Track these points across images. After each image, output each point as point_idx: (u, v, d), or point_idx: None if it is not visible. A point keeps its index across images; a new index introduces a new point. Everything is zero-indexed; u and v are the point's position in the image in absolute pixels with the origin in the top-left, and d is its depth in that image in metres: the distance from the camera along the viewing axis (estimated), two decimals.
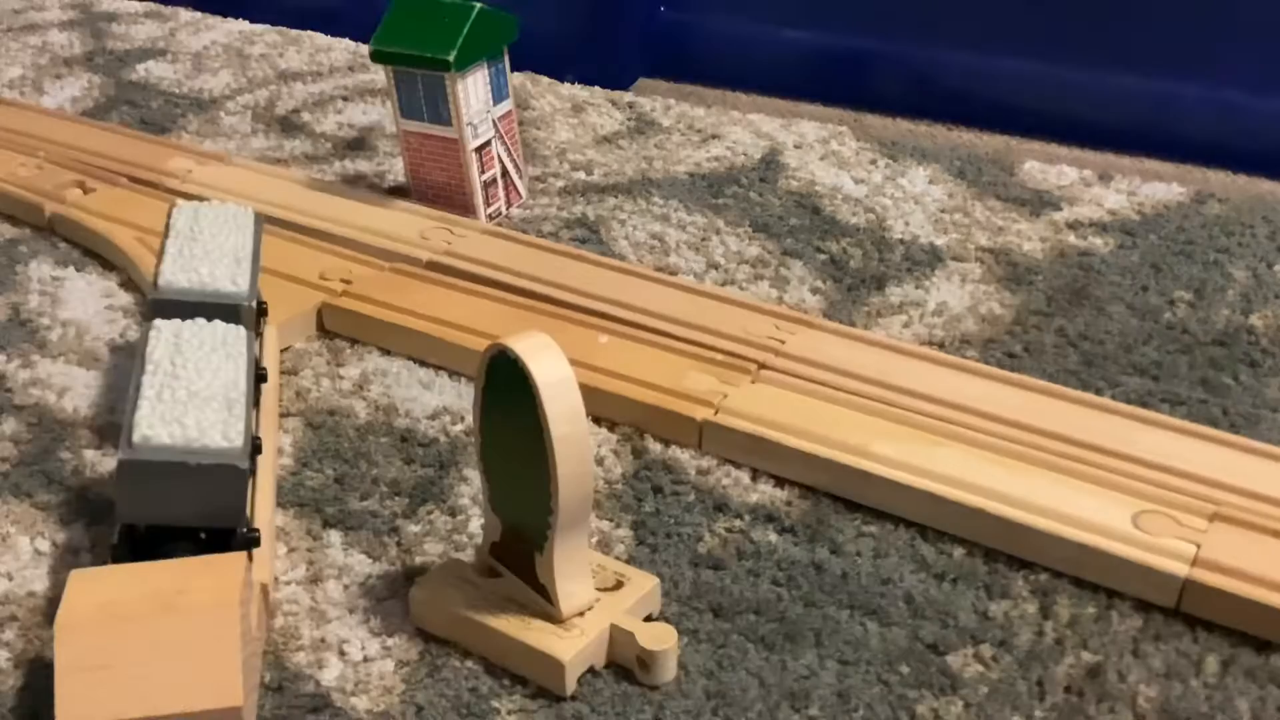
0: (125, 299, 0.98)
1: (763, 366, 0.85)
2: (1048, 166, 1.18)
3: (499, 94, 1.08)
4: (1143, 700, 0.62)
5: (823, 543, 0.72)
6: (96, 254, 1.05)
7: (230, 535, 0.64)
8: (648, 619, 0.66)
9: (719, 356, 0.86)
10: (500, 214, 1.10)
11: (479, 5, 1.03)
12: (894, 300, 0.96)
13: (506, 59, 1.08)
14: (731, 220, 1.07)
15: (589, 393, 0.63)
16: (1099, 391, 0.84)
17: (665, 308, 0.91)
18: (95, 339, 0.93)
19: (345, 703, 0.63)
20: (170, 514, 0.63)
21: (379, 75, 1.38)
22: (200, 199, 0.91)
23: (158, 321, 0.73)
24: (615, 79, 1.42)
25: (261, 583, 0.66)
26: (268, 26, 1.58)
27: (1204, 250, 1.02)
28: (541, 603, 0.64)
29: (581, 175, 1.16)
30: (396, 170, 1.18)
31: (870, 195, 1.12)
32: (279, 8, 1.61)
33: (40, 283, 1.01)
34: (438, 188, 1.09)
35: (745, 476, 0.78)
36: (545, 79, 1.39)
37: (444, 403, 0.85)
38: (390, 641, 0.66)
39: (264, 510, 0.71)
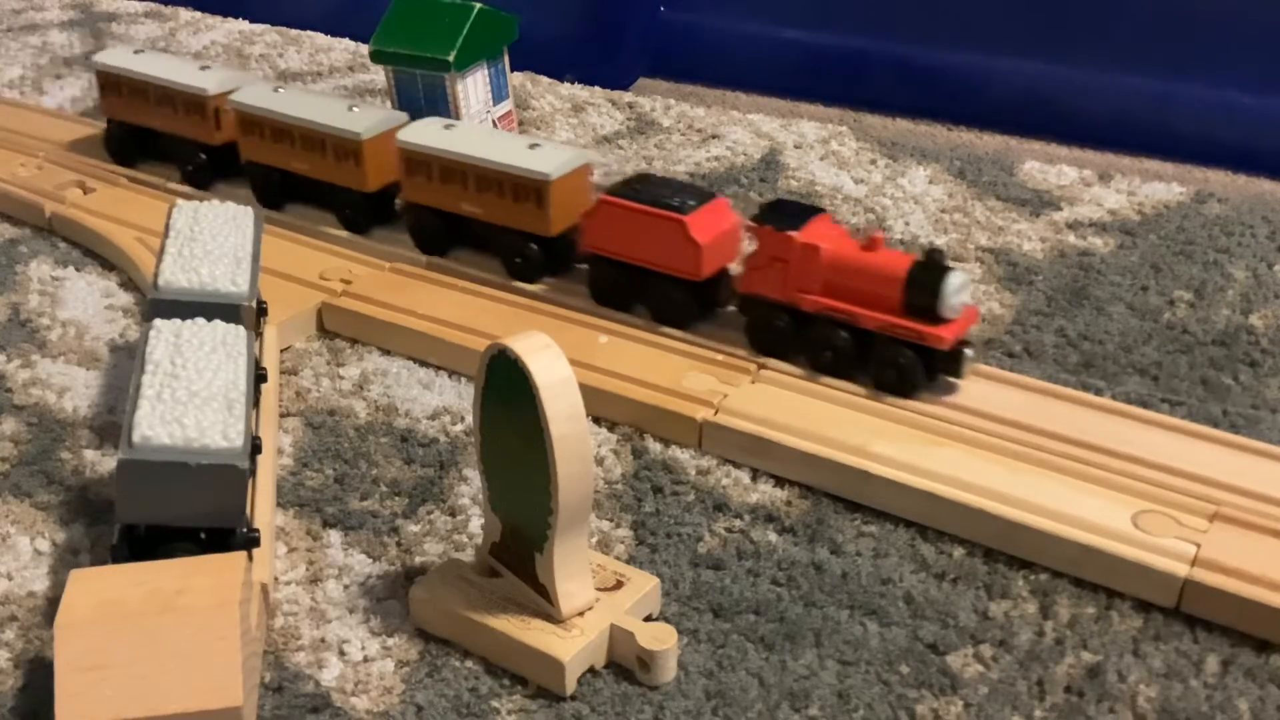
0: (125, 299, 0.98)
1: (763, 366, 0.85)
2: (1048, 166, 1.18)
3: (499, 94, 1.08)
4: (1143, 700, 0.62)
5: (823, 543, 0.72)
6: (96, 254, 1.05)
7: (230, 535, 0.64)
8: (648, 619, 0.66)
9: (719, 356, 0.85)
10: None
11: (479, 5, 1.03)
12: None
13: (506, 59, 1.08)
14: None
15: (589, 393, 0.63)
16: (1099, 391, 0.84)
17: None
18: (95, 339, 0.93)
19: (345, 703, 0.63)
20: (170, 514, 0.63)
21: (379, 75, 1.38)
22: (200, 199, 0.91)
23: (158, 321, 0.73)
24: (615, 79, 1.42)
25: (261, 583, 0.66)
26: (267, 26, 1.58)
27: (1204, 250, 1.02)
28: (541, 603, 0.64)
29: None
30: None
31: (870, 195, 1.12)
32: (279, 8, 1.61)
33: (40, 283, 1.01)
34: None
35: (745, 476, 0.78)
36: (545, 79, 1.39)
37: (444, 403, 0.85)
38: (390, 641, 0.66)
39: (264, 510, 0.71)
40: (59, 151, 1.18)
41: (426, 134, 0.96)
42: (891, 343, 0.80)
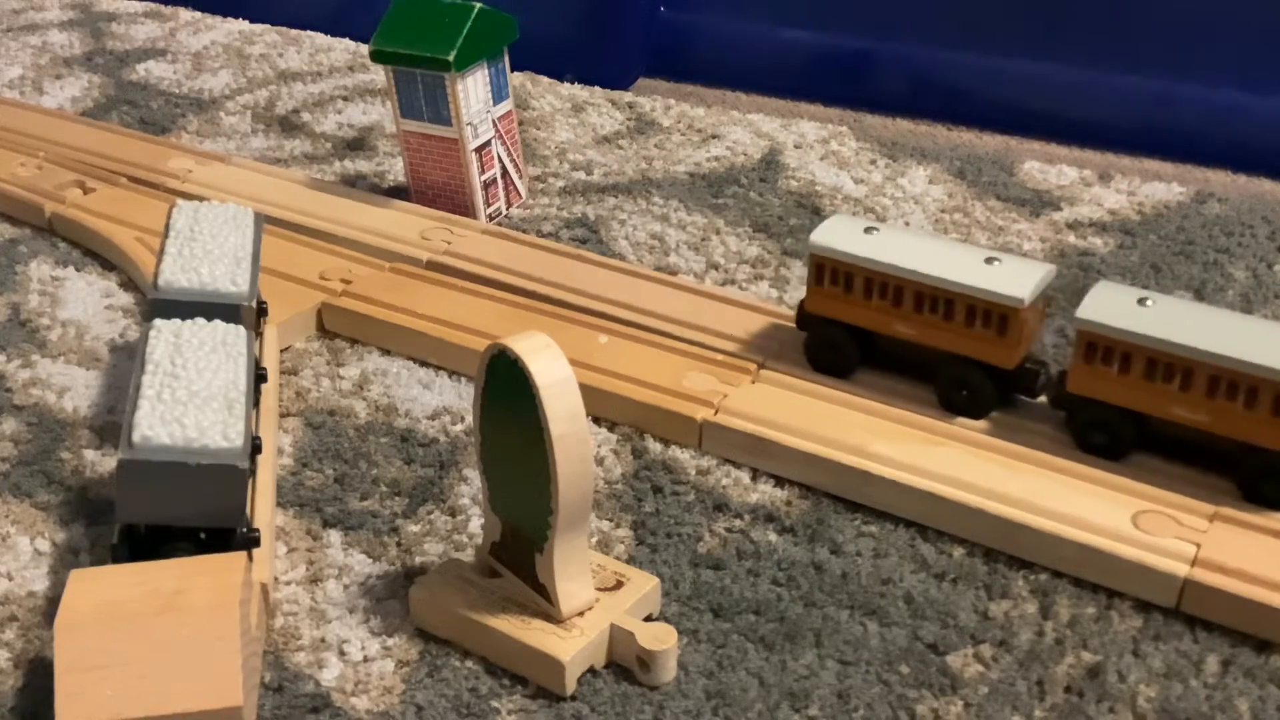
0: (125, 299, 0.98)
1: (762, 366, 0.85)
2: (1048, 166, 1.18)
3: (499, 94, 1.08)
4: (1143, 700, 0.62)
5: (823, 543, 0.72)
6: (96, 254, 1.05)
7: (230, 535, 0.64)
8: (648, 619, 0.66)
9: (719, 356, 0.85)
10: (500, 214, 1.10)
11: (479, 5, 1.03)
12: None
13: (506, 59, 1.08)
14: (731, 220, 1.07)
15: (589, 393, 0.63)
16: None
17: (665, 308, 0.91)
18: (95, 339, 0.93)
19: (345, 703, 0.63)
20: (170, 514, 0.63)
21: (379, 75, 1.38)
22: (200, 199, 0.91)
23: (158, 321, 0.73)
24: (615, 79, 1.42)
25: (261, 583, 0.66)
26: (268, 26, 1.58)
27: (1204, 250, 1.02)
28: (541, 603, 0.64)
29: (581, 175, 1.16)
30: (396, 170, 1.18)
31: (870, 195, 1.12)
32: (279, 8, 1.61)
33: (40, 283, 1.01)
34: (438, 188, 1.09)
35: (745, 476, 0.78)
36: (545, 79, 1.39)
37: (444, 403, 0.85)
38: (390, 641, 0.66)
39: (264, 510, 0.71)
40: (59, 151, 1.18)
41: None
42: None
